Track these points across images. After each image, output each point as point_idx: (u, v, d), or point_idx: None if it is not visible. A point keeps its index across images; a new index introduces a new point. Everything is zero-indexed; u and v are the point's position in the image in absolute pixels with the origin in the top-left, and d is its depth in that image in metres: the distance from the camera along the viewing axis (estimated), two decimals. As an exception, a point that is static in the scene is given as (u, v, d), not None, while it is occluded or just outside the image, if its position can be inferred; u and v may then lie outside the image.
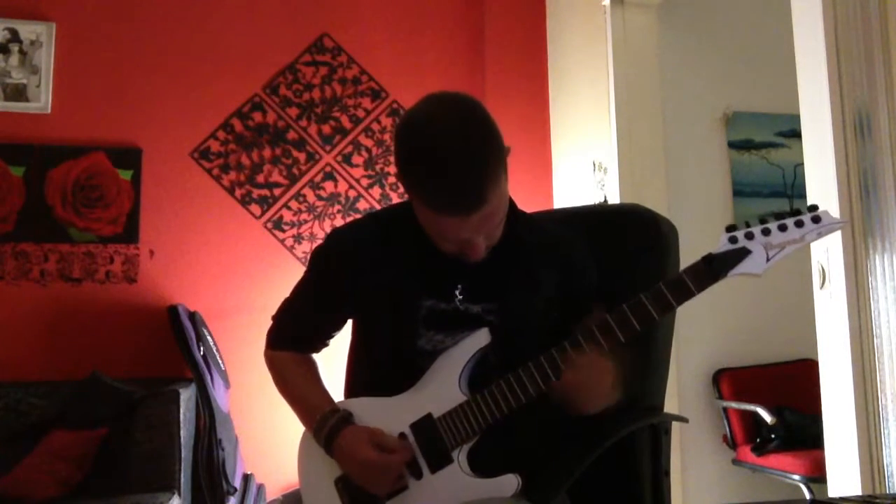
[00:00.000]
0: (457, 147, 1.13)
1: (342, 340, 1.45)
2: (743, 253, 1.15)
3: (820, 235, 1.14)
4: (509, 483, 1.20)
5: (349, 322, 1.44)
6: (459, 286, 1.29)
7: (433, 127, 1.16)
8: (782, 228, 1.15)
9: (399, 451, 1.23)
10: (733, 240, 1.16)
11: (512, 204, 1.29)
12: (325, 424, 1.28)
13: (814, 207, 1.16)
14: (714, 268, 1.16)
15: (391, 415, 1.27)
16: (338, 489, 1.29)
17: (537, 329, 1.29)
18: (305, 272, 1.44)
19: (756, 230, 1.16)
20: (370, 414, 1.29)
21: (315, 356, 1.46)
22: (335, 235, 1.42)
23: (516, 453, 1.26)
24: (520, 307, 1.29)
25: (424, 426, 1.24)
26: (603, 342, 1.19)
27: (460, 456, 1.23)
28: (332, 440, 1.26)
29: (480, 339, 1.25)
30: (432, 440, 1.23)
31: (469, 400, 1.22)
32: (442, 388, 1.24)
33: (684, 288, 1.17)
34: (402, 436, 1.25)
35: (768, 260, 1.15)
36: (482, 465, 1.23)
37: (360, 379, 1.39)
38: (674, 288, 1.18)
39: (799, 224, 1.14)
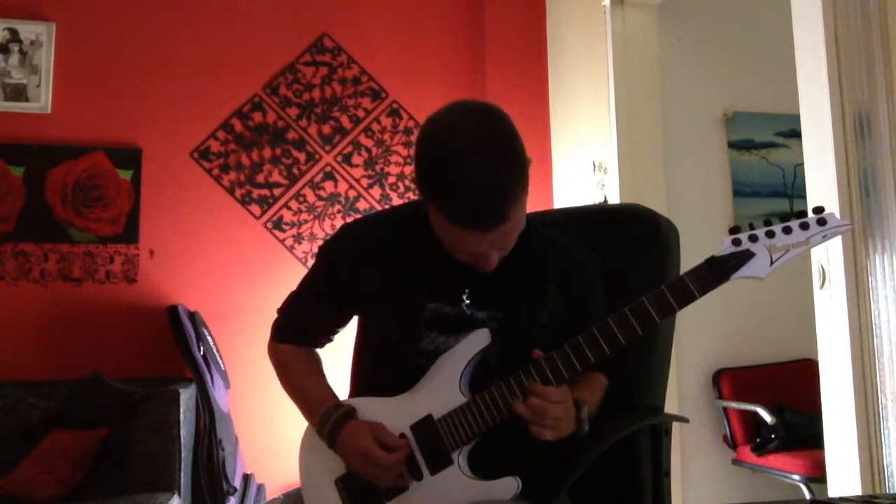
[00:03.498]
0: (483, 162, 1.12)
1: (347, 339, 1.45)
2: (746, 256, 1.13)
3: (825, 238, 1.12)
4: (509, 485, 1.19)
5: (354, 319, 1.44)
6: (466, 290, 1.28)
7: (460, 139, 1.14)
8: (787, 231, 1.13)
9: (400, 447, 1.23)
10: (737, 242, 1.14)
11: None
12: (328, 419, 1.27)
13: (819, 209, 1.13)
14: (717, 271, 1.14)
15: (392, 415, 1.26)
16: (338, 489, 1.29)
17: (540, 337, 1.28)
18: (313, 266, 1.44)
19: (760, 232, 1.13)
20: (371, 414, 1.28)
21: (320, 354, 1.47)
22: (346, 231, 1.42)
23: (516, 455, 1.26)
24: (525, 320, 1.29)
25: (425, 427, 1.24)
26: (604, 345, 1.18)
27: (460, 458, 1.23)
28: (336, 435, 1.26)
29: (481, 339, 1.25)
30: (432, 441, 1.23)
31: (469, 401, 1.22)
32: (442, 390, 1.24)
33: (686, 291, 1.15)
34: (403, 437, 1.25)
35: (772, 263, 1.12)
36: (482, 467, 1.23)
37: (363, 379, 1.40)
38: (676, 291, 1.16)
39: (804, 226, 1.12)
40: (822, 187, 1.89)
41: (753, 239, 1.14)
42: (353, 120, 3.40)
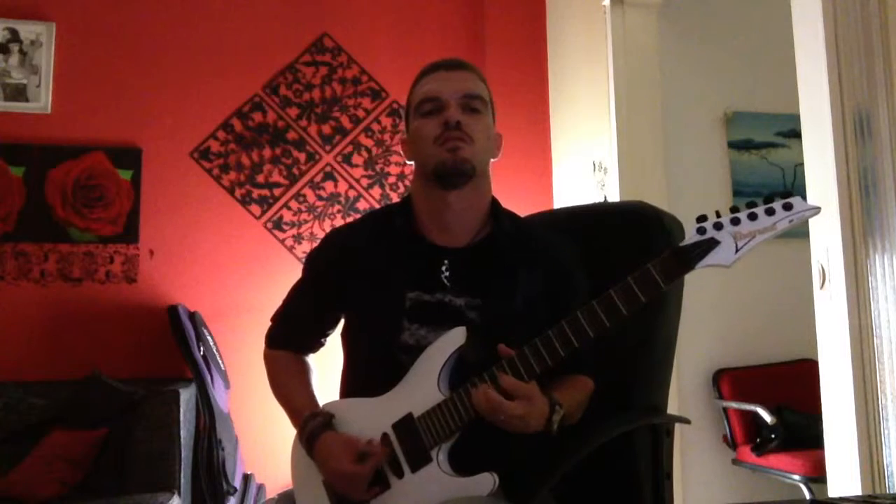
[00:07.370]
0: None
1: (339, 342, 1.46)
2: (711, 244, 1.13)
3: (792, 223, 1.11)
4: (485, 481, 1.19)
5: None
6: (447, 273, 1.31)
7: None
8: (752, 217, 1.12)
9: (371, 460, 1.23)
10: (701, 231, 1.14)
11: (499, 203, 1.40)
12: (305, 428, 1.31)
13: (786, 194, 1.12)
14: (682, 259, 1.14)
15: (375, 415, 1.28)
16: (326, 488, 1.30)
17: (518, 328, 1.28)
18: (301, 275, 1.50)
19: (725, 220, 1.13)
20: (355, 415, 1.30)
21: (313, 357, 1.50)
22: (329, 236, 1.51)
23: (498, 452, 1.25)
24: (499, 305, 1.30)
25: (405, 426, 1.25)
26: (574, 341, 1.18)
27: (440, 455, 1.23)
28: (313, 444, 1.29)
29: (457, 338, 1.25)
30: (412, 439, 1.24)
31: (447, 399, 1.23)
32: (422, 388, 1.25)
33: (652, 281, 1.14)
34: (385, 436, 1.26)
35: (738, 250, 1.12)
36: (464, 464, 1.23)
37: (351, 379, 1.41)
38: (641, 281, 1.15)
39: (770, 212, 1.11)
40: (822, 187, 1.89)
41: (718, 227, 1.13)
42: (353, 120, 3.40)
